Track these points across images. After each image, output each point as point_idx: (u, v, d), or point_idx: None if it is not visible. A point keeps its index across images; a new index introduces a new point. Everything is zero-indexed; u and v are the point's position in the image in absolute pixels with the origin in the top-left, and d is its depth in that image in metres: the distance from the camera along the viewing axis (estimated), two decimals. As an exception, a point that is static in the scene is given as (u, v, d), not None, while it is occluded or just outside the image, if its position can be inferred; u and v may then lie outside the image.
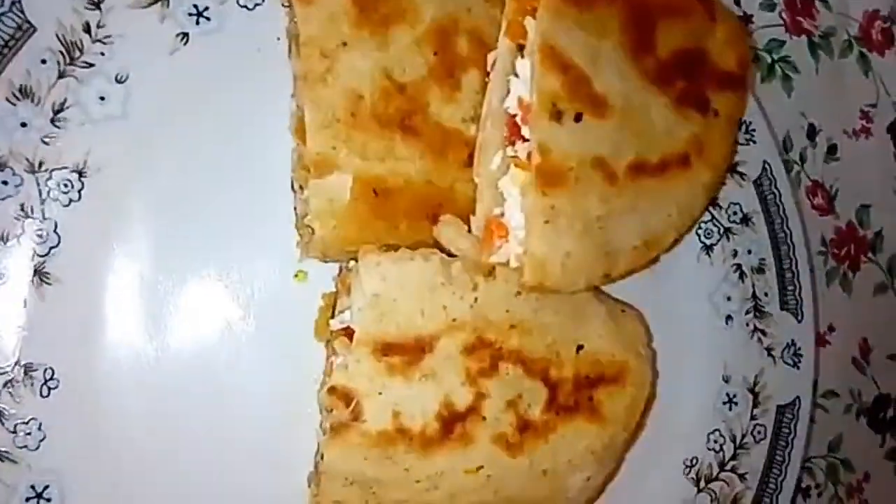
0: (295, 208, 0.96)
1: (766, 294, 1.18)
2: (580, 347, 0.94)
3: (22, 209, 0.83)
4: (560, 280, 0.88)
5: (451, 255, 0.90)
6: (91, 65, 0.85)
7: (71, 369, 0.84)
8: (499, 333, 0.90)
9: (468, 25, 0.92)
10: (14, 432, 0.81)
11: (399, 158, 0.89)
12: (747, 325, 1.17)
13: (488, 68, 0.92)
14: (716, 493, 1.12)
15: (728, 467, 1.14)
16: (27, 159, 0.83)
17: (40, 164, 0.84)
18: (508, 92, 0.90)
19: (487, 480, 0.90)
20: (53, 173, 0.84)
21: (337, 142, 0.86)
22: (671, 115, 0.95)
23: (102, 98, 0.86)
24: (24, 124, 0.83)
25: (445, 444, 0.88)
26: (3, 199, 0.82)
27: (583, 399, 0.94)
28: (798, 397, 1.19)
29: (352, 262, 0.93)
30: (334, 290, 0.98)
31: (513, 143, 0.90)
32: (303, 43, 0.85)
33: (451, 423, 0.88)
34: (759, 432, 1.16)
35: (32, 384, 0.82)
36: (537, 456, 0.91)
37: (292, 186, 0.96)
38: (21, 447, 0.81)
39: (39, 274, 0.84)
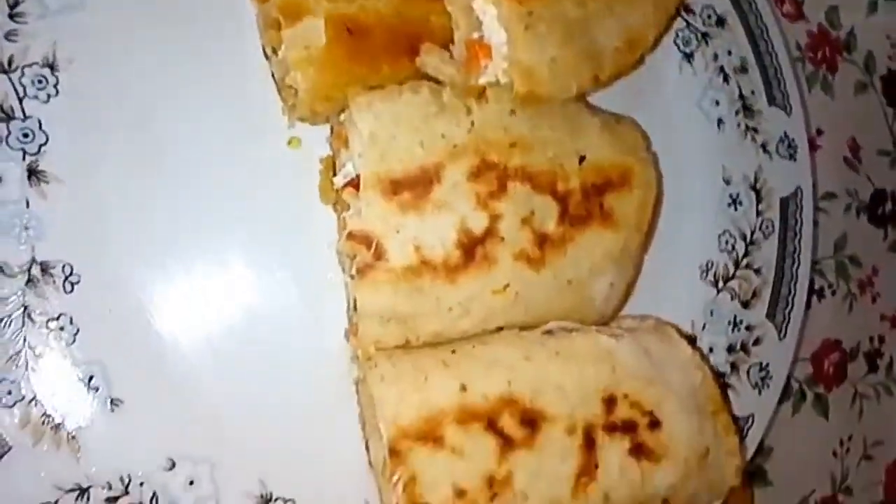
0: (273, 75, 0.95)
1: (752, 92, 1.19)
2: (582, 158, 0.95)
3: (2, 110, 0.81)
4: (550, 85, 0.88)
5: (438, 83, 0.90)
6: (34, -47, 0.83)
7: (89, 263, 0.84)
8: (501, 154, 0.90)
9: None
10: (47, 329, 0.81)
11: (366, -3, 0.88)
12: (739, 125, 1.18)
13: None
14: (735, 291, 1.15)
15: (743, 265, 1.16)
16: (-6, 59, 0.82)
17: (9, 63, 0.82)
18: None
19: (516, 298, 0.91)
20: (25, 70, 0.82)
21: (300, -15, 0.84)
22: None
23: (56, -13, 0.84)
24: (-18, 23, 0.81)
25: (470, 269, 0.89)
26: (-21, 101, 0.81)
27: (593, 207, 0.95)
28: (799, 187, 1.21)
29: (342, 115, 0.93)
30: (330, 152, 0.98)
31: (478, -38, 0.89)
32: None
33: (472, 247, 0.89)
34: (767, 227, 1.18)
35: (54, 281, 0.82)
36: (559, 267, 0.93)
37: (265, 54, 0.95)
38: (57, 342, 0.82)
39: (35, 174, 0.82)
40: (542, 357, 0.88)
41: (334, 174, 0.96)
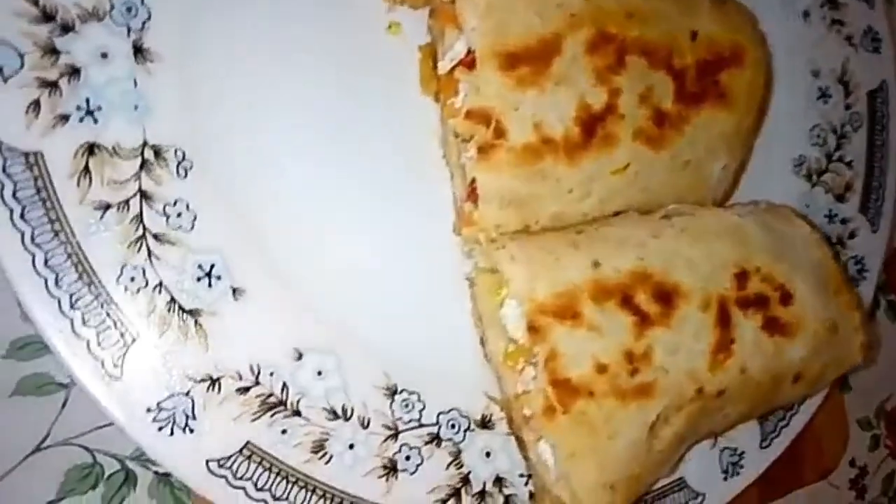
0: (370, -43, 0.91)
1: (835, -16, 1.17)
2: (694, 34, 0.91)
3: (104, -18, 0.77)
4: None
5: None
6: None
7: (199, 147, 0.79)
8: (618, 25, 0.86)
9: None
10: (165, 214, 0.77)
11: None
12: (824, 18, 1.16)
13: None
14: (829, 184, 1.13)
15: (835, 158, 1.14)
16: (91, -68, 0.76)
17: (106, -67, 0.77)
18: None
19: (635, 178, 0.88)
20: (123, -57, 0.78)
21: None
22: None
23: None
24: None
25: (590, 148, 0.86)
26: (83, -27, 0.75)
27: (708, 85, 0.92)
28: (884, 81, 1.19)
29: (445, -5, 0.89)
30: (429, 39, 0.94)
31: None
32: None
33: (592, 124, 0.86)
34: (855, 120, 1.16)
35: (167, 165, 0.78)
36: (677, 147, 0.90)
37: (362, -65, 0.90)
38: (176, 228, 0.77)
39: (140, 51, 0.78)
40: (669, 234, 0.86)
41: (433, 65, 0.92)
